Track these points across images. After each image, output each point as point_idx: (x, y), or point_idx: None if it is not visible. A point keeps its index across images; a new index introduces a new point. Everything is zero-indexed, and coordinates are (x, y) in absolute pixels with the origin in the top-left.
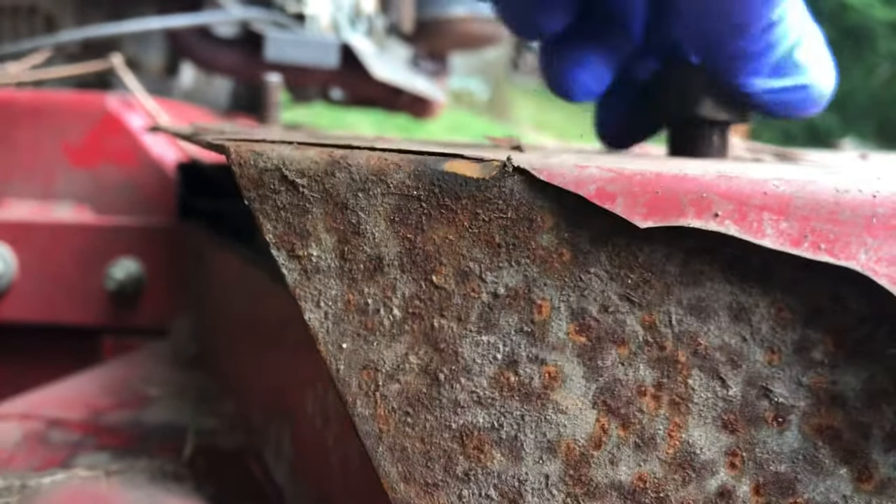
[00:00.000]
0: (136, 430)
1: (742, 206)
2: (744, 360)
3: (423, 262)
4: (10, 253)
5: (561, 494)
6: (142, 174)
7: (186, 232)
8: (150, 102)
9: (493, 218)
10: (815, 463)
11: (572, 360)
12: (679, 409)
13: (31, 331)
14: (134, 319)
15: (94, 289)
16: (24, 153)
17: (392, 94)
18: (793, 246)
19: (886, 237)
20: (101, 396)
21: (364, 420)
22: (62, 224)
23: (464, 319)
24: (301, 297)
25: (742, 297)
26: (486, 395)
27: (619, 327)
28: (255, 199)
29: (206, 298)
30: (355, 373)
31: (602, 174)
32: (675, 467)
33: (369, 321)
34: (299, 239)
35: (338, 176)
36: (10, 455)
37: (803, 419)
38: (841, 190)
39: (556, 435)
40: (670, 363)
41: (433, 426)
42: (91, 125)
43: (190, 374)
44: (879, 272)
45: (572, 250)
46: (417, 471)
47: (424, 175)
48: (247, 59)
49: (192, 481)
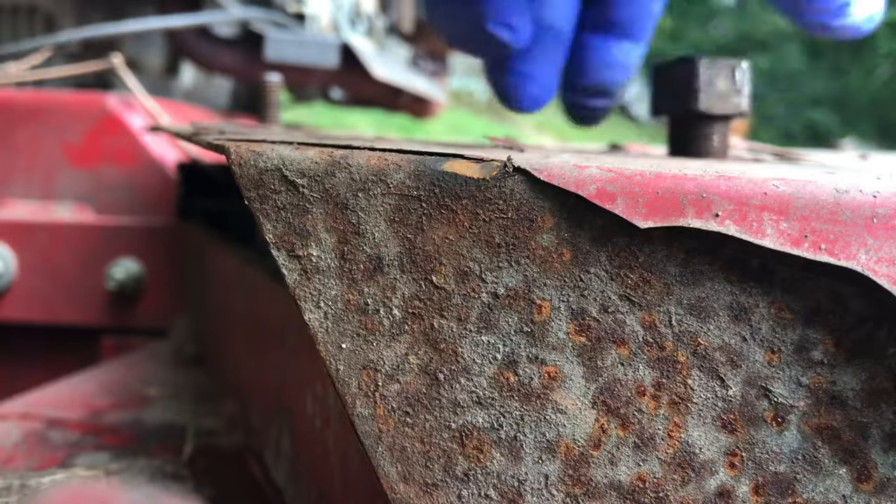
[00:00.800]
0: (136, 430)
1: (742, 206)
2: (743, 360)
3: (423, 262)
4: (10, 253)
5: (560, 494)
6: (142, 174)
7: (186, 232)
8: (150, 102)
9: (493, 218)
10: (814, 463)
11: (572, 360)
12: (679, 409)
13: (31, 331)
14: (134, 319)
15: (94, 289)
16: (24, 153)
17: (392, 94)
18: (793, 246)
19: (886, 237)
20: (100, 396)
21: (364, 420)
22: (62, 224)
23: (464, 319)
24: (301, 297)
25: (742, 297)
26: (485, 395)
27: (619, 327)
28: (255, 199)
29: (205, 298)
30: (355, 373)
31: (602, 174)
32: (675, 467)
33: (369, 321)
34: (299, 239)
35: (338, 176)
36: (9, 455)
37: (803, 419)
38: (841, 190)
39: (556, 435)
40: (670, 363)
41: (433, 426)
42: (91, 125)
43: (190, 374)
44: (879, 272)
45: (572, 250)
46: (417, 471)
47: (424, 175)
48: (247, 59)
49: (192, 481)
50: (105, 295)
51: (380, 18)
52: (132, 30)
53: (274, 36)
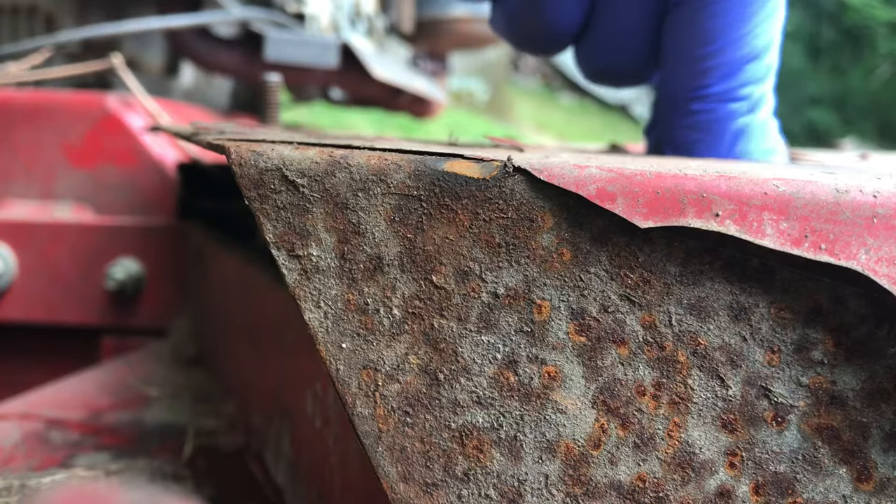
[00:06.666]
0: (136, 430)
1: (742, 206)
2: (743, 359)
3: (423, 261)
4: (10, 253)
5: (560, 494)
6: (142, 174)
7: (186, 232)
8: (150, 102)
9: (494, 218)
10: (814, 463)
11: (572, 360)
12: (679, 409)
13: (31, 331)
14: (134, 319)
15: (94, 289)
16: (24, 153)
17: (392, 94)
18: (793, 246)
19: (886, 237)
20: (100, 396)
21: (364, 420)
22: (62, 224)
23: (464, 319)
24: (301, 297)
25: (742, 297)
26: (485, 394)
27: (619, 327)
28: (255, 199)
29: (205, 298)
30: (355, 373)
31: (602, 174)
32: (675, 467)
33: (369, 321)
34: (299, 239)
35: (338, 176)
36: (9, 455)
37: (803, 419)
38: (841, 190)
39: (556, 435)
40: (670, 363)
41: (433, 426)
42: (91, 125)
43: (190, 374)
44: (879, 272)
45: (572, 250)
46: (417, 471)
47: (425, 175)
48: (247, 59)
49: (192, 481)
50: (105, 295)
51: (380, 18)
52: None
53: (274, 36)
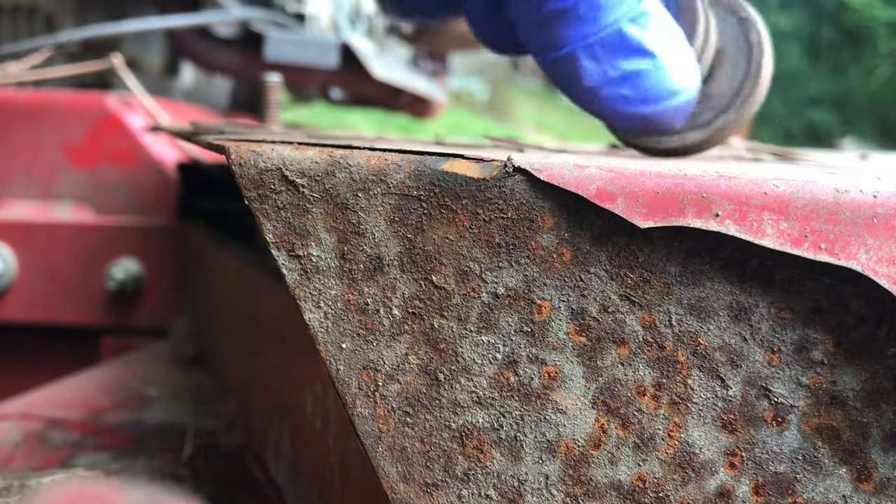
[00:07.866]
0: (136, 430)
1: (742, 206)
2: (744, 360)
3: (423, 262)
4: (10, 253)
5: (560, 494)
6: (142, 174)
7: (186, 232)
8: (150, 102)
9: (494, 218)
10: (814, 463)
11: (572, 360)
12: (679, 409)
13: (31, 331)
14: (134, 319)
15: (94, 289)
16: (24, 153)
17: (392, 94)
18: (793, 246)
19: (886, 237)
20: (100, 396)
21: (364, 420)
22: (62, 224)
23: (464, 319)
24: (301, 297)
25: (742, 297)
26: (485, 395)
27: (619, 327)
28: (255, 199)
29: (205, 298)
30: (355, 373)
31: (602, 174)
32: (675, 467)
33: (369, 321)
34: (299, 239)
35: (338, 176)
36: (9, 455)
37: (803, 419)
38: (841, 190)
39: (556, 435)
40: (670, 363)
41: (433, 426)
42: (91, 125)
43: (189, 374)
44: (879, 272)
45: (572, 250)
46: (417, 471)
47: (424, 175)
48: (247, 59)
49: (192, 481)
50: (105, 295)
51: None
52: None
53: (274, 36)
